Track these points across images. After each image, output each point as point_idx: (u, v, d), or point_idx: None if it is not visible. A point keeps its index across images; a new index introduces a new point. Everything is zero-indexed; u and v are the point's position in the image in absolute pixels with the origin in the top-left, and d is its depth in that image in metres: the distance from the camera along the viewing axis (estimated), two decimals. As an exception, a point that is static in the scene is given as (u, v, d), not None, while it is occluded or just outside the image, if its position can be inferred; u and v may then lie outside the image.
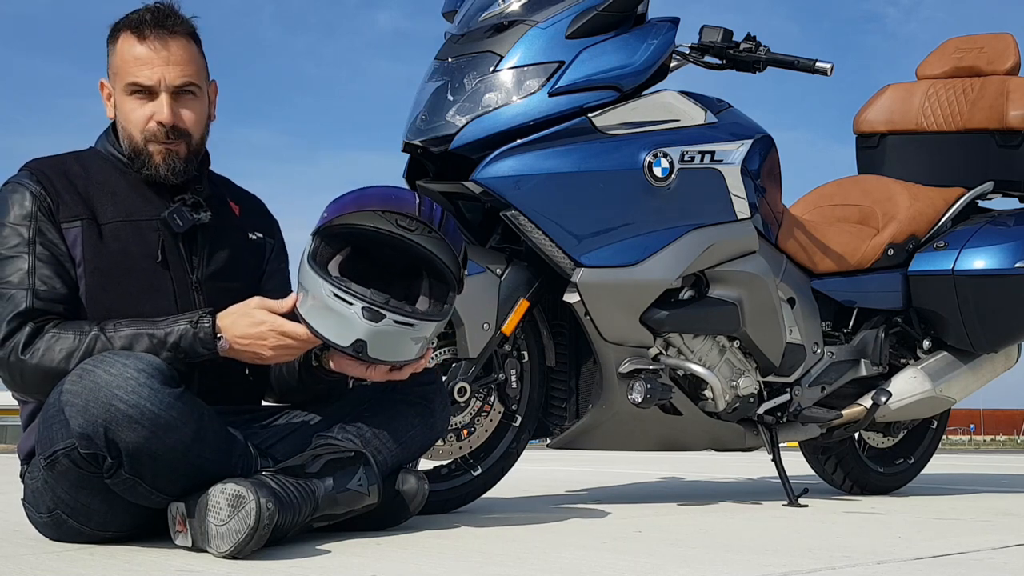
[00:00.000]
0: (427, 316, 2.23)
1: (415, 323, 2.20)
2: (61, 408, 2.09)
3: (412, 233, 2.22)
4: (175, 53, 2.38)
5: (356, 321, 2.17)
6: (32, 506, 2.27)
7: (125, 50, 2.37)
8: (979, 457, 10.22)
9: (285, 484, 2.14)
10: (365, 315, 2.16)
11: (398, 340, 2.21)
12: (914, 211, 3.75)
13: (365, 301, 2.17)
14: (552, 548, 2.23)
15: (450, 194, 3.10)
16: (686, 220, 3.13)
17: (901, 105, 4.05)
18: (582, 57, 3.03)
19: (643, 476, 4.94)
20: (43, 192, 2.29)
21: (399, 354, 2.25)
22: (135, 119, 2.36)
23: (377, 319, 2.16)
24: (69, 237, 2.28)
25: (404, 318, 2.18)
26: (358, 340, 2.18)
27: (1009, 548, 2.32)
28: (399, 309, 2.19)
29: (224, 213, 2.47)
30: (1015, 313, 3.69)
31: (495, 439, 3.08)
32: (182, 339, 2.22)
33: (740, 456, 6.99)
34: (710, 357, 3.26)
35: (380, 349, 2.20)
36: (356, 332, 2.18)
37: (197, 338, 2.22)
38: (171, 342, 2.21)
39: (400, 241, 2.22)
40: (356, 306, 2.16)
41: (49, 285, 2.24)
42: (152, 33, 2.36)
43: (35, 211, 2.28)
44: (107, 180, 2.36)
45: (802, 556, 2.13)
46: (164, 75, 2.35)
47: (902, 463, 3.98)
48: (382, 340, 2.19)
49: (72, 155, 2.42)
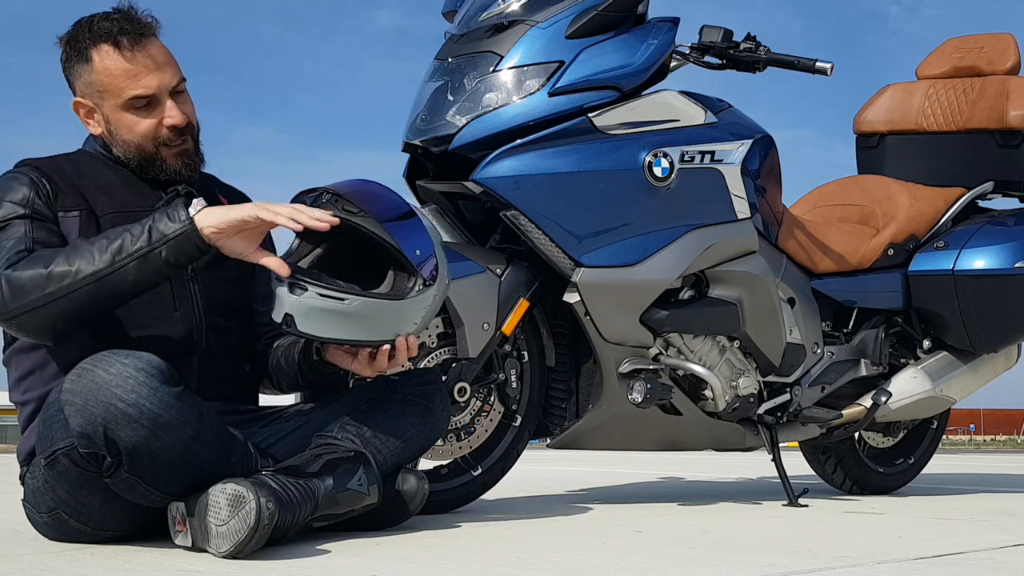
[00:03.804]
0: (362, 293, 2.23)
1: (345, 297, 2.21)
2: (61, 407, 2.09)
3: (355, 216, 2.25)
4: (159, 56, 2.37)
5: (284, 296, 2.22)
6: (32, 506, 2.27)
7: (109, 66, 2.33)
8: (979, 457, 10.22)
9: (285, 484, 2.14)
10: (293, 290, 2.21)
11: (335, 317, 2.22)
12: (914, 211, 3.75)
13: (292, 277, 2.21)
14: (552, 548, 2.23)
15: (450, 194, 3.10)
16: (686, 220, 3.13)
17: (901, 105, 4.05)
18: (582, 57, 3.03)
19: (643, 476, 4.94)
20: (43, 180, 2.29)
21: (341, 332, 2.25)
22: (142, 130, 2.35)
23: (301, 293, 2.20)
24: (65, 225, 2.28)
25: (329, 291, 2.21)
26: (286, 315, 2.23)
27: (1009, 548, 2.32)
28: (325, 283, 2.22)
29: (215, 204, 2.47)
30: (1015, 313, 3.69)
31: (495, 439, 3.08)
32: (155, 219, 2.17)
33: (740, 456, 6.99)
34: (710, 357, 3.26)
35: (309, 323, 2.23)
36: (283, 307, 2.23)
37: (168, 215, 2.17)
38: (148, 226, 2.16)
39: (347, 225, 2.24)
40: (285, 282, 2.22)
41: (47, 243, 2.23)
42: (133, 43, 2.33)
43: (33, 196, 2.27)
44: (99, 176, 2.36)
45: (802, 556, 2.13)
46: (161, 81, 2.35)
47: (902, 463, 3.98)
48: (310, 315, 2.22)
49: (62, 156, 2.42)
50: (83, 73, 2.36)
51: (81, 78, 2.37)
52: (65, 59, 2.39)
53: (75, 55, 2.37)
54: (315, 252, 2.34)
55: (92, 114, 2.39)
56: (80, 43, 2.36)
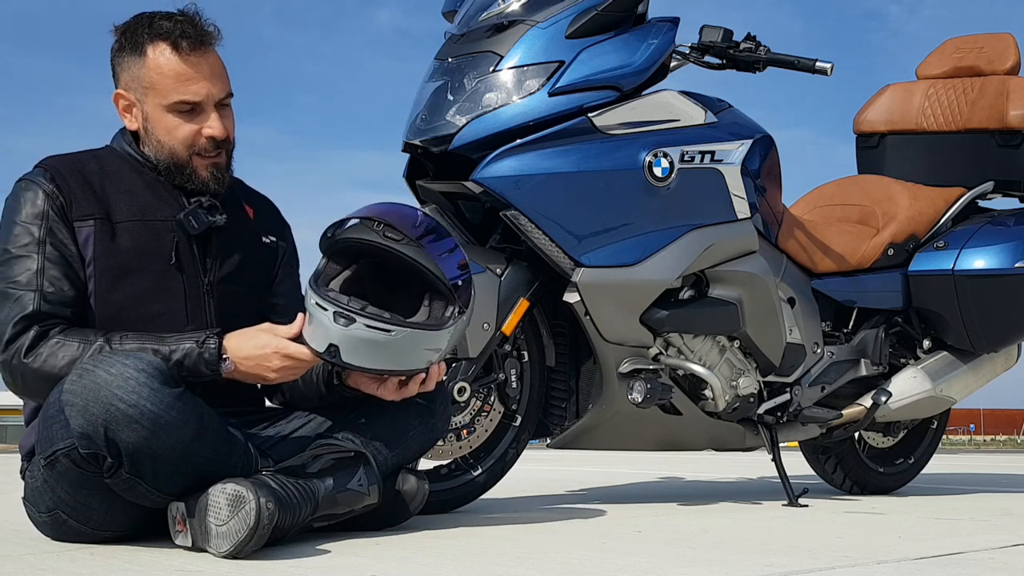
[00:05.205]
0: (406, 324, 2.21)
1: (392, 329, 2.18)
2: (61, 408, 2.08)
3: (398, 243, 2.22)
4: (214, 66, 2.35)
5: (329, 325, 2.18)
6: (32, 506, 2.27)
7: (163, 65, 2.31)
8: (979, 457, 10.22)
9: (285, 484, 2.14)
10: (337, 320, 2.17)
11: (378, 348, 2.20)
12: (914, 211, 3.75)
13: (337, 306, 2.17)
14: (552, 548, 2.23)
15: (450, 194, 3.10)
16: (686, 220, 3.13)
17: (901, 105, 4.05)
18: (582, 57, 3.03)
19: (643, 476, 4.94)
20: (56, 190, 2.27)
21: (382, 362, 2.23)
22: (181, 135, 2.33)
23: (348, 324, 2.16)
24: (81, 236, 2.27)
25: (377, 323, 2.17)
26: (331, 345, 2.19)
27: (1009, 548, 2.32)
28: (373, 315, 2.18)
29: (239, 216, 2.44)
30: (1015, 313, 3.69)
31: (495, 439, 3.08)
32: (186, 358, 2.20)
33: (740, 456, 6.99)
34: (710, 357, 3.26)
35: (355, 355, 2.20)
36: (330, 336, 2.18)
37: (202, 358, 2.21)
38: (175, 359, 2.19)
39: (387, 252, 2.22)
40: (329, 311, 2.18)
41: (57, 287, 2.23)
42: (192, 48, 2.32)
43: (47, 210, 2.26)
44: (123, 179, 2.35)
45: (802, 556, 2.13)
46: (211, 90, 2.33)
47: (902, 463, 3.98)
48: (357, 346, 2.18)
49: (89, 153, 2.39)
50: (132, 66, 2.34)
51: (129, 70, 2.35)
52: (117, 48, 2.37)
53: (129, 46, 2.34)
54: (343, 274, 2.29)
55: (131, 109, 2.37)
56: (137, 36, 2.34)
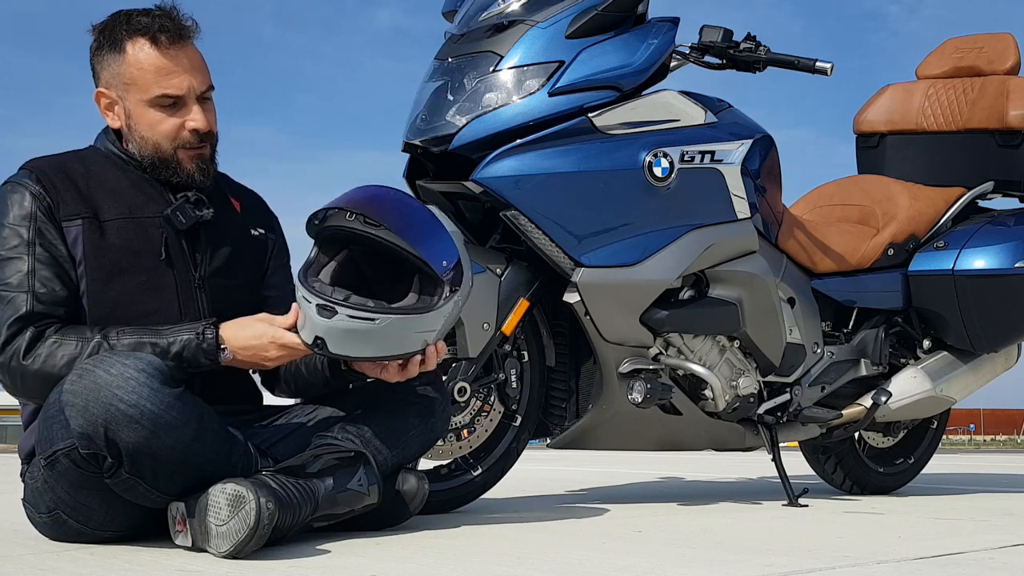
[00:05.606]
0: (391, 310, 2.20)
1: (376, 317, 2.18)
2: (61, 408, 2.08)
3: (376, 229, 2.22)
4: (194, 59, 2.36)
5: (314, 318, 2.18)
6: (32, 506, 2.27)
7: (143, 60, 2.32)
8: (979, 457, 10.22)
9: (285, 484, 2.14)
10: (321, 313, 2.17)
11: (365, 336, 2.19)
12: (914, 211, 3.75)
13: (321, 298, 2.18)
14: (552, 548, 2.23)
15: (450, 194, 3.10)
16: (686, 220, 3.13)
17: (901, 105, 4.05)
18: (582, 57, 3.03)
19: (643, 476, 4.94)
20: (43, 191, 2.28)
21: (371, 350, 2.23)
22: (164, 130, 2.33)
23: (331, 316, 2.17)
24: (70, 236, 2.27)
25: (359, 312, 2.17)
26: (317, 337, 2.19)
27: (1009, 548, 2.32)
28: (356, 305, 2.18)
29: (226, 209, 2.45)
30: (1015, 313, 3.69)
31: (495, 439, 3.08)
32: (185, 349, 2.21)
33: (740, 456, 6.99)
34: (710, 357, 3.26)
35: (342, 345, 2.20)
36: (316, 329, 2.19)
37: (200, 348, 2.22)
38: (174, 352, 2.21)
39: (369, 239, 2.22)
40: (313, 303, 2.18)
41: (49, 288, 2.24)
42: (171, 42, 2.32)
43: (35, 211, 2.27)
44: (108, 178, 2.35)
45: (802, 556, 2.13)
46: (192, 83, 2.34)
47: (902, 463, 3.98)
48: (342, 336, 2.19)
49: (72, 153, 2.40)
50: (112, 63, 2.34)
51: (109, 68, 2.35)
52: (96, 47, 2.37)
53: (108, 44, 2.35)
54: (334, 262, 2.30)
55: (113, 106, 2.37)
56: (116, 33, 2.34)
